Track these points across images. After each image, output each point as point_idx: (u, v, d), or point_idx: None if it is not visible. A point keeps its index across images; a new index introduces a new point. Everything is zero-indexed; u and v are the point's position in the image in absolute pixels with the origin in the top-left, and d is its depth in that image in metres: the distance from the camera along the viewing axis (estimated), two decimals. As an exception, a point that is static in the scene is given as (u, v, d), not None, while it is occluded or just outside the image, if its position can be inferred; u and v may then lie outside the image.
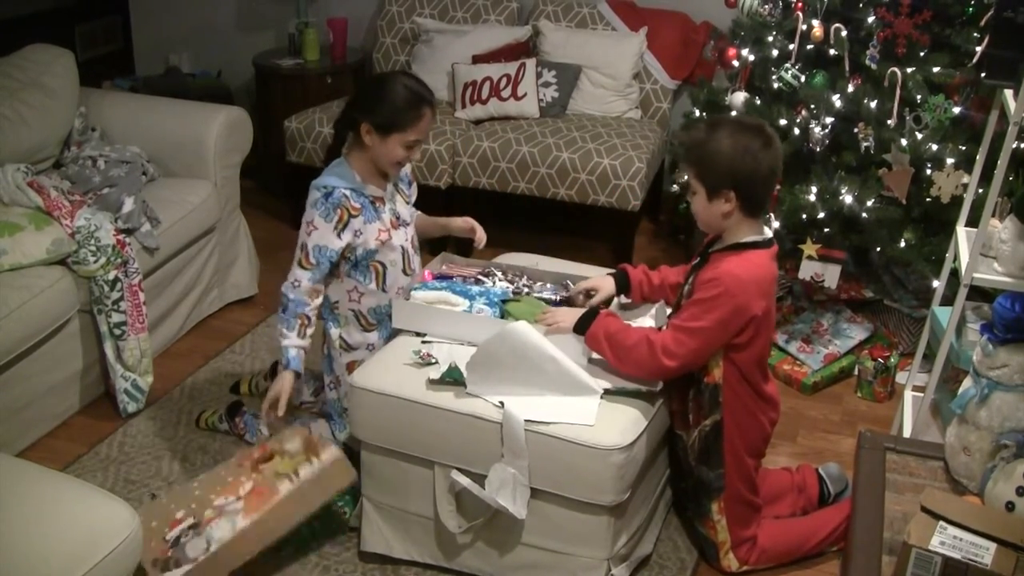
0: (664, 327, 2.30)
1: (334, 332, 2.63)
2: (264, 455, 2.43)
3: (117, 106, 3.61)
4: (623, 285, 2.54)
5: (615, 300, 2.54)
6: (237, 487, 2.36)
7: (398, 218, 2.58)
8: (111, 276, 2.89)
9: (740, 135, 2.18)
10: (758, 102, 3.36)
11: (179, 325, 3.41)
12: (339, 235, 2.45)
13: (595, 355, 2.35)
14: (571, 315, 2.34)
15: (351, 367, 2.61)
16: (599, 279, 2.55)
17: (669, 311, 2.45)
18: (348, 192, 2.47)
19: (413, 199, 2.73)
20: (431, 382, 2.25)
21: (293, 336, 2.49)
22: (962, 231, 2.62)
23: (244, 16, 5.07)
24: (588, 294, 2.52)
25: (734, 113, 3.42)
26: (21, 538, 1.70)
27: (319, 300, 2.53)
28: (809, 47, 3.24)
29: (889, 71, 3.07)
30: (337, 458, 2.37)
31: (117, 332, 2.93)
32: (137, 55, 5.26)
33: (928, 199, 3.05)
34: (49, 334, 2.81)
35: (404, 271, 2.58)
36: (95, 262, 2.87)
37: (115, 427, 2.95)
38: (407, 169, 2.69)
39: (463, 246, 4.06)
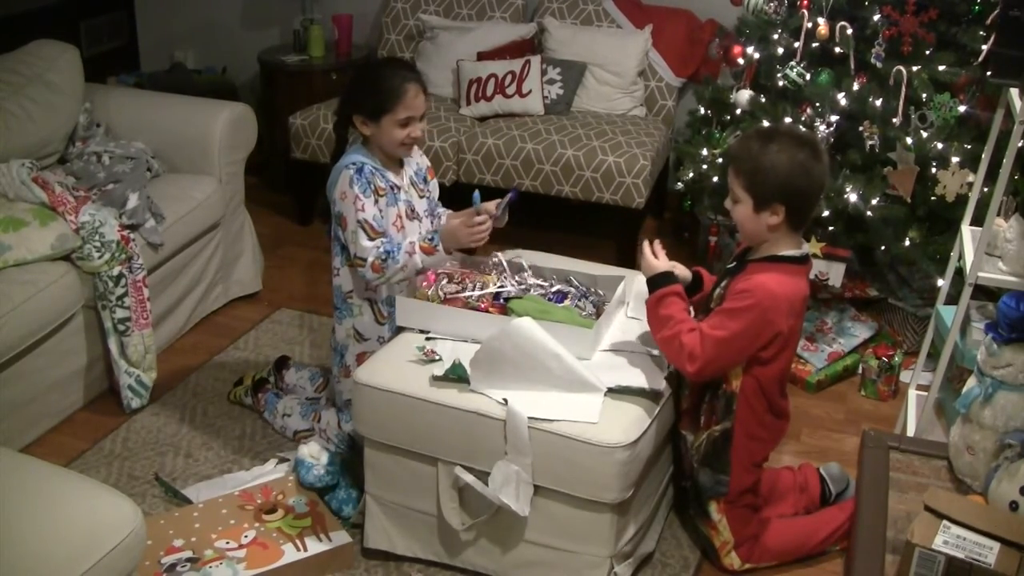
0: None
1: (347, 322, 2.64)
2: (267, 504, 2.50)
3: (122, 102, 3.61)
4: (695, 287, 2.46)
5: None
6: (239, 533, 2.41)
7: (412, 210, 2.59)
8: (115, 272, 2.90)
9: (795, 150, 2.18)
10: (763, 100, 3.35)
11: (183, 321, 3.42)
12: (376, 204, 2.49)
13: (597, 354, 2.36)
14: (659, 267, 2.33)
15: (361, 359, 2.62)
16: (687, 276, 2.46)
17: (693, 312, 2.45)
18: (375, 170, 2.49)
19: (435, 196, 2.73)
20: (434, 379, 2.25)
21: (407, 245, 2.46)
22: (967, 230, 2.62)
23: (249, 12, 5.07)
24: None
25: (739, 111, 3.43)
26: (24, 534, 1.70)
27: None
28: (814, 45, 3.24)
29: (895, 69, 3.06)
30: (347, 543, 2.41)
31: (121, 328, 2.93)
32: (142, 51, 5.27)
33: (933, 198, 3.05)
34: (53, 330, 2.82)
35: None
36: (99, 258, 2.87)
37: (119, 423, 2.96)
38: (424, 163, 2.68)
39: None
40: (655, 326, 2.30)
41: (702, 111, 3.76)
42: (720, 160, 3.41)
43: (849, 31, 3.13)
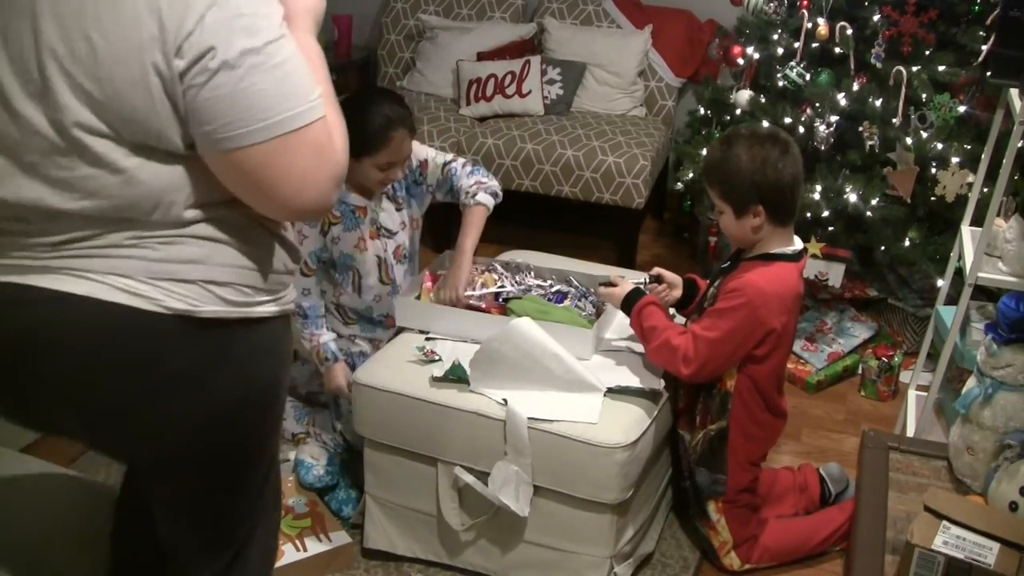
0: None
1: None
2: None
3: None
4: (691, 293, 2.47)
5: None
6: None
7: (378, 229, 2.58)
8: (115, 272, 2.89)
9: (756, 147, 2.17)
10: (763, 100, 3.35)
11: (183, 321, 3.41)
12: (324, 236, 2.53)
13: (596, 354, 2.36)
14: (623, 292, 2.36)
15: None
16: (677, 278, 2.48)
17: (684, 320, 2.44)
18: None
19: (423, 207, 2.71)
20: (434, 379, 2.25)
21: (324, 333, 2.55)
22: (967, 230, 2.62)
23: (249, 12, 5.07)
24: (658, 280, 2.46)
25: (739, 111, 3.43)
26: (25, 533, 1.71)
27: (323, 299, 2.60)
28: (814, 45, 3.24)
29: (894, 70, 3.06)
30: (347, 543, 2.41)
31: (121, 328, 2.93)
32: (142, 51, 5.26)
33: (933, 198, 3.05)
34: (53, 330, 2.81)
35: (381, 280, 2.59)
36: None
37: (119, 423, 2.95)
38: (421, 156, 2.65)
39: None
40: (643, 340, 2.32)
41: (702, 111, 3.76)
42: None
43: (849, 31, 3.13)
